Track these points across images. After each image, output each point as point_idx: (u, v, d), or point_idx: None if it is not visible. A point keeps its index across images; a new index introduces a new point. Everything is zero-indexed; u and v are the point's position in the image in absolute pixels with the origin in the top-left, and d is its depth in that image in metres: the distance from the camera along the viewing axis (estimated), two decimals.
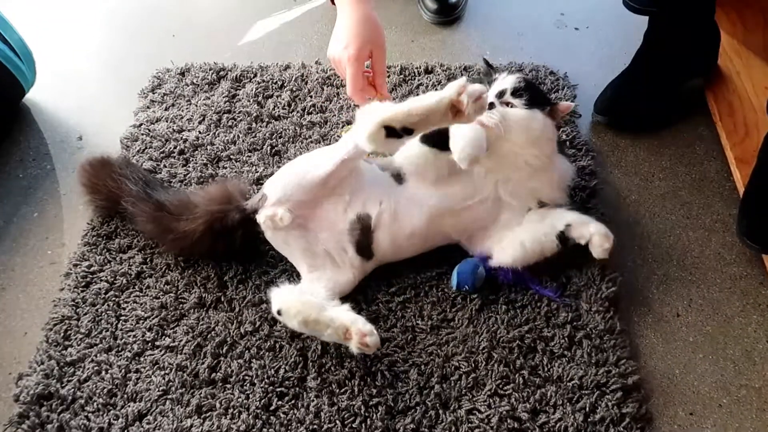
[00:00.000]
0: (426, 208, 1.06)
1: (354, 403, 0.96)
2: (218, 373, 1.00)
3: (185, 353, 1.02)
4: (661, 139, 1.33)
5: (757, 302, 1.09)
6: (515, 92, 1.06)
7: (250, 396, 0.97)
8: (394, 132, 0.91)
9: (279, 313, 0.98)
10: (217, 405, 0.97)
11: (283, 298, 0.98)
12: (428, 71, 1.46)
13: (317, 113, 1.39)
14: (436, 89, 1.40)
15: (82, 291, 1.11)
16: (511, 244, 1.06)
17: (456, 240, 1.11)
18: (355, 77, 1.10)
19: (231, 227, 1.06)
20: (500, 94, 1.07)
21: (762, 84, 1.35)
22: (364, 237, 1.05)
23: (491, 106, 1.04)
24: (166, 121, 1.38)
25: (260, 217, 1.04)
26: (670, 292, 1.10)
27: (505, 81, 1.09)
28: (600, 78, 1.40)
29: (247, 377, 1.00)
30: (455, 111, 0.88)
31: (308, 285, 1.03)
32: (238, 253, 1.11)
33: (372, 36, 1.11)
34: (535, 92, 1.08)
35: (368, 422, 0.94)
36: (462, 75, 1.44)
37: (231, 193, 1.09)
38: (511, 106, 1.06)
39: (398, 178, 1.08)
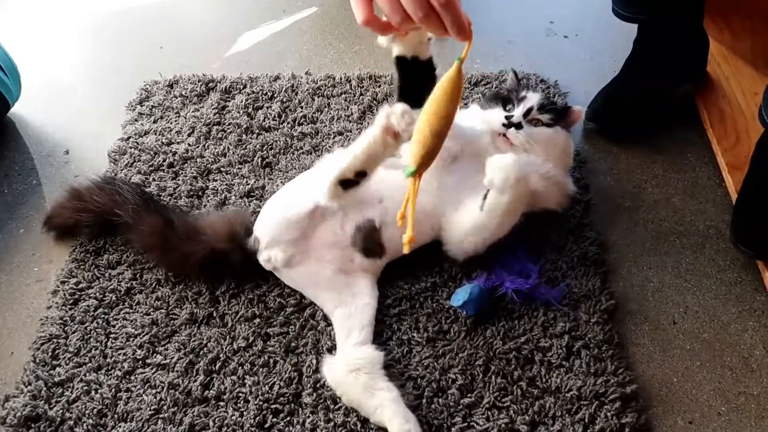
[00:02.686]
0: (431, 190, 1.06)
1: (350, 419, 0.94)
2: (211, 391, 0.98)
3: (177, 371, 1.00)
4: (652, 146, 1.33)
5: (753, 308, 1.08)
6: (541, 108, 1.13)
7: (245, 413, 0.95)
8: (350, 182, 0.98)
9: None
10: (211, 424, 0.95)
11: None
12: None
13: (308, 124, 1.37)
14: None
15: (70, 308, 1.08)
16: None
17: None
18: None
19: (230, 264, 1.08)
20: (527, 112, 1.12)
21: (751, 89, 1.36)
22: (369, 241, 1.04)
23: (518, 126, 1.10)
24: (155, 134, 1.37)
25: (261, 261, 1.07)
26: (665, 300, 1.10)
27: (531, 99, 1.14)
28: (590, 85, 1.40)
29: (240, 394, 0.98)
30: (393, 135, 0.91)
31: (345, 336, 1.00)
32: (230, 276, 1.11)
33: None
34: (556, 108, 1.15)
35: None
36: None
37: (236, 230, 1.08)
38: (537, 123, 1.12)
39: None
